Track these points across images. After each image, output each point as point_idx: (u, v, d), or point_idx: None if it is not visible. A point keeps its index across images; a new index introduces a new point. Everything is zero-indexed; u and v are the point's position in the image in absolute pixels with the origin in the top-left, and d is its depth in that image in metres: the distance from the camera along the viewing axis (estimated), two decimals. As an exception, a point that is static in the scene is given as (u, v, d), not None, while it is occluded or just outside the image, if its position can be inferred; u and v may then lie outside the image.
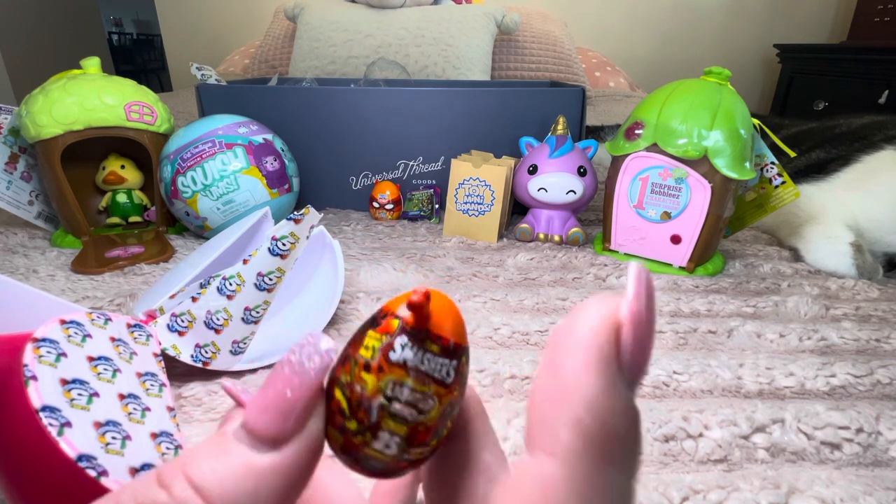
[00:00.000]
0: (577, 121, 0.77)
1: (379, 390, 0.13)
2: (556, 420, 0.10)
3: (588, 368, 0.10)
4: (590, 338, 0.10)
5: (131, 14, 5.42)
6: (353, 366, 0.13)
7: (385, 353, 0.13)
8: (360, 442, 0.13)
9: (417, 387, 0.13)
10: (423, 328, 0.13)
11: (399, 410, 0.13)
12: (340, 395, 0.13)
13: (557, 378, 0.10)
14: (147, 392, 0.30)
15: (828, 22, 2.18)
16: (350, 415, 0.13)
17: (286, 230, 0.38)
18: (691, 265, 0.60)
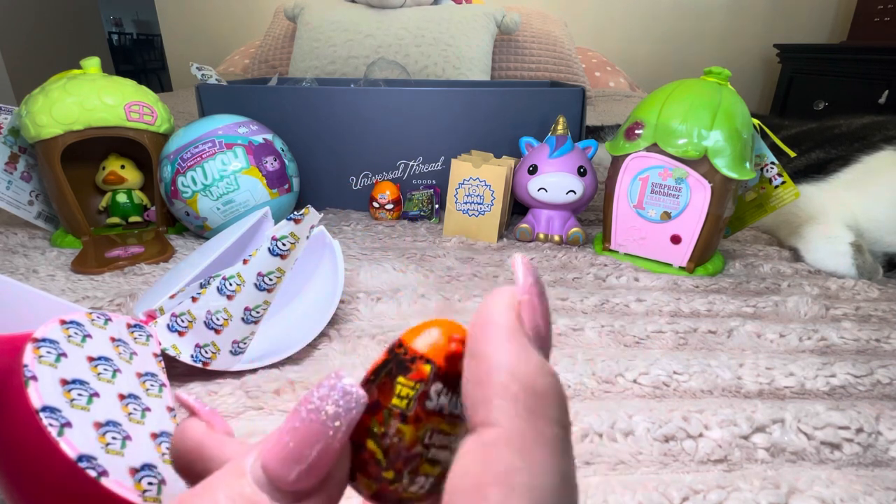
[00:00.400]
0: (577, 121, 0.77)
1: (418, 440, 0.13)
2: (487, 395, 0.11)
3: (502, 343, 0.11)
4: (499, 320, 0.12)
5: (131, 14, 5.42)
6: (388, 416, 0.13)
7: (421, 402, 0.13)
8: (396, 488, 0.13)
9: (452, 430, 0.13)
10: (457, 373, 0.13)
11: (436, 455, 0.13)
12: (375, 447, 0.13)
13: (480, 361, 0.11)
14: (147, 392, 0.30)
15: (828, 22, 2.18)
16: (387, 466, 0.13)
17: (286, 230, 0.38)
18: (691, 265, 0.60)
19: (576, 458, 0.33)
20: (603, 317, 0.50)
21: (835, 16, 2.16)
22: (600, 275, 0.60)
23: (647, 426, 0.35)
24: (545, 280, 0.59)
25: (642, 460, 0.33)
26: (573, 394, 0.39)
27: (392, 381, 0.13)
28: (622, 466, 0.33)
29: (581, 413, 0.36)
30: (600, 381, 0.40)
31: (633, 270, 0.60)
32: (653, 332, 0.47)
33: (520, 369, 0.11)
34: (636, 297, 0.54)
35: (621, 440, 0.34)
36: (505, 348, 0.11)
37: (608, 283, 0.59)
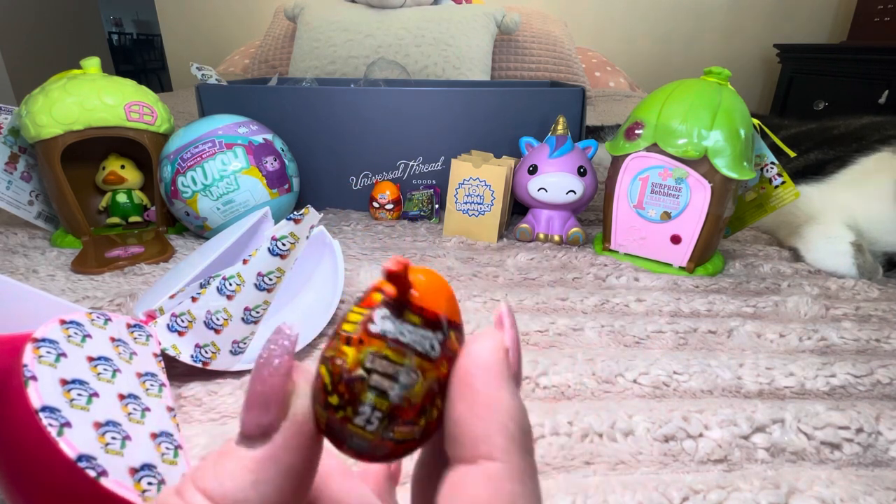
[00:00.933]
0: (577, 121, 0.77)
1: (359, 363, 0.13)
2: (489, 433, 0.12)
3: (501, 386, 0.13)
4: (494, 365, 0.13)
5: (131, 14, 5.42)
6: (338, 341, 0.13)
7: (365, 325, 0.13)
8: (342, 417, 0.13)
9: (397, 359, 0.13)
10: (404, 300, 0.13)
11: (378, 382, 0.13)
12: (324, 371, 0.13)
13: (480, 400, 0.13)
14: (147, 392, 0.30)
15: (828, 22, 2.18)
16: (332, 389, 0.13)
17: (286, 230, 0.38)
18: (691, 265, 0.60)
19: (576, 458, 0.33)
20: (603, 317, 0.50)
21: (835, 16, 2.16)
22: (600, 275, 0.60)
23: (647, 426, 0.35)
24: (545, 280, 0.59)
25: (642, 460, 0.33)
26: (573, 394, 0.39)
27: (350, 311, 0.14)
28: (622, 466, 0.33)
29: (581, 413, 0.36)
30: (600, 381, 0.40)
31: (633, 270, 0.60)
32: (653, 332, 0.47)
33: (516, 412, 0.13)
34: (636, 297, 0.54)
35: (621, 440, 0.34)
36: (504, 391, 0.13)
37: (608, 283, 0.59)
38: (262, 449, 0.13)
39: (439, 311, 0.14)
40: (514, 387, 0.13)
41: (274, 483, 0.12)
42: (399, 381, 0.13)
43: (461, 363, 0.13)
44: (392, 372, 0.13)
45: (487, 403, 0.13)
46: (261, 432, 0.13)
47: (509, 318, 0.15)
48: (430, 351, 0.13)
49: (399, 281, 0.13)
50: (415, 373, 0.13)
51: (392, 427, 0.13)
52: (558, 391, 0.39)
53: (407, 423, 0.13)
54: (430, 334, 0.13)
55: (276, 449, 0.13)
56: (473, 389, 0.13)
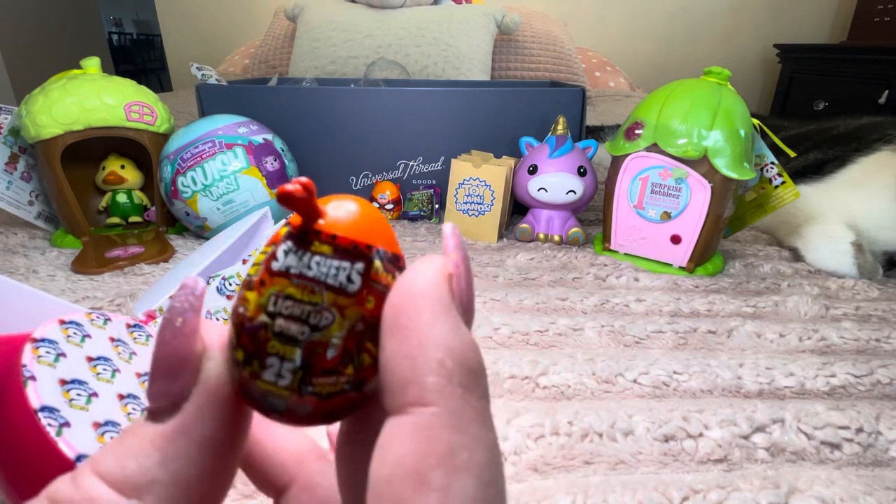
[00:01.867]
0: (577, 121, 0.77)
1: (260, 308, 0.11)
2: (419, 373, 0.10)
3: (437, 317, 0.11)
4: (432, 291, 0.11)
5: (131, 14, 5.43)
6: (239, 287, 0.12)
7: (267, 263, 0.11)
8: (250, 373, 0.11)
9: (304, 296, 0.11)
10: (308, 227, 0.11)
11: (283, 327, 0.11)
12: (229, 324, 0.11)
13: (409, 335, 0.10)
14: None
15: (828, 22, 2.18)
16: (236, 343, 0.11)
17: (286, 230, 0.38)
18: (691, 265, 0.60)
19: (576, 457, 0.33)
20: (603, 317, 0.50)
21: (835, 16, 2.16)
22: (600, 275, 0.60)
23: (647, 426, 0.35)
24: (545, 280, 0.59)
25: (642, 460, 0.33)
26: (573, 394, 0.39)
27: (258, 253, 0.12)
28: (622, 466, 0.33)
29: (581, 413, 0.36)
30: (600, 381, 0.40)
31: (633, 270, 0.60)
32: (653, 332, 0.47)
33: (455, 345, 0.10)
34: (636, 297, 0.54)
35: (621, 440, 0.34)
36: (439, 322, 0.11)
37: (608, 283, 0.59)
38: (171, 421, 0.11)
39: (359, 238, 0.11)
40: (458, 318, 0.11)
41: (187, 458, 0.11)
42: (309, 323, 0.11)
43: (392, 294, 0.11)
44: (299, 313, 0.11)
45: (418, 338, 0.10)
46: (169, 403, 0.11)
47: (453, 240, 0.12)
48: (348, 284, 0.11)
49: (299, 205, 0.11)
50: (329, 311, 0.11)
51: (309, 379, 0.11)
52: (558, 391, 0.39)
53: (327, 372, 0.11)
54: (345, 264, 0.11)
55: (187, 420, 0.11)
56: (402, 323, 0.11)
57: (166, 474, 0.11)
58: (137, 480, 0.11)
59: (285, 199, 0.11)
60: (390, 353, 0.11)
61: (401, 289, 0.11)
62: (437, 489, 0.09)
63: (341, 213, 0.12)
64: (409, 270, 0.11)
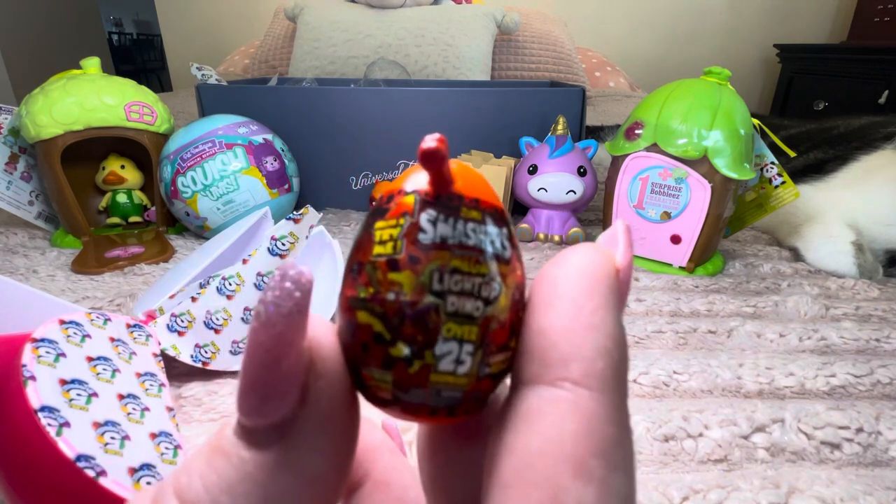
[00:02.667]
0: (577, 121, 0.77)
1: (423, 288, 0.09)
2: (584, 352, 0.09)
3: (610, 305, 0.10)
4: (606, 278, 0.10)
5: (131, 14, 5.42)
6: (373, 272, 0.09)
7: (412, 237, 0.09)
8: (420, 369, 0.09)
9: (472, 268, 0.10)
10: (452, 191, 0.10)
11: (458, 306, 0.09)
12: (369, 318, 0.09)
13: (579, 312, 0.10)
14: (146, 392, 0.30)
15: (828, 22, 2.18)
16: (392, 337, 0.09)
17: (285, 230, 0.38)
18: (691, 265, 0.60)
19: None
20: (603, 317, 0.50)
21: (835, 16, 2.16)
22: (600, 275, 0.59)
23: (647, 426, 0.35)
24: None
25: (642, 460, 0.33)
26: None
27: (370, 232, 0.10)
28: (622, 466, 0.33)
29: (581, 413, 0.36)
30: (600, 381, 0.40)
31: (633, 270, 0.60)
32: (653, 332, 0.47)
33: (620, 339, 0.10)
34: (636, 297, 0.54)
35: (621, 440, 0.34)
36: (612, 312, 0.10)
37: (608, 282, 0.58)
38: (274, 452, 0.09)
39: (495, 200, 0.10)
40: (621, 314, 0.10)
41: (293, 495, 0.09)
42: (482, 297, 0.10)
43: (553, 270, 0.10)
44: (470, 287, 0.09)
45: (588, 319, 0.10)
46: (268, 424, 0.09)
47: (626, 237, 0.11)
48: (503, 251, 0.10)
49: (441, 164, 0.10)
50: (496, 282, 0.10)
51: (488, 359, 0.10)
52: (558, 391, 0.39)
53: (502, 348, 0.10)
54: (496, 229, 0.10)
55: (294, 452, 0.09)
56: (571, 299, 0.10)
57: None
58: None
59: (430, 156, 0.10)
60: (552, 322, 0.10)
61: (566, 263, 0.10)
62: (597, 481, 0.09)
63: (465, 174, 0.10)
64: (574, 251, 0.11)
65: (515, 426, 0.09)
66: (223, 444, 0.09)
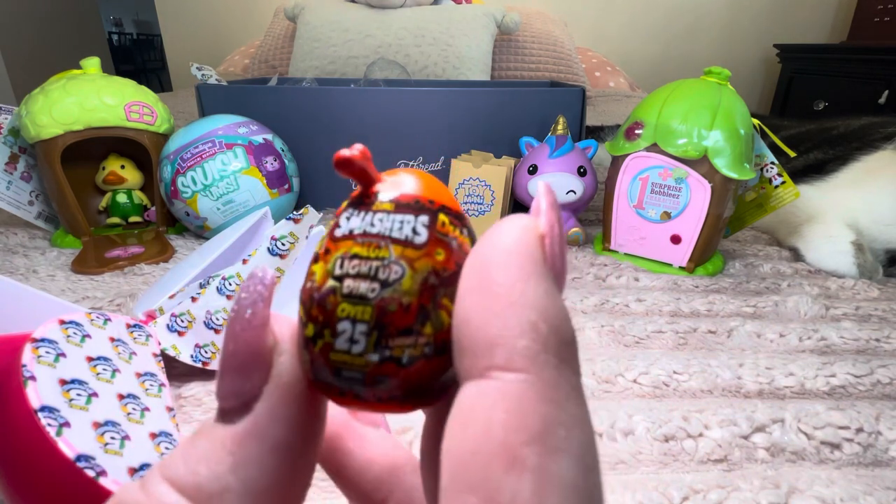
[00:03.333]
0: (577, 121, 0.77)
1: (327, 274, 0.10)
2: (506, 333, 0.09)
3: (531, 276, 0.09)
4: (524, 249, 0.10)
5: (131, 14, 5.42)
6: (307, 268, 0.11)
7: (331, 233, 0.11)
8: (322, 347, 0.10)
9: (370, 252, 0.10)
10: (367, 190, 0.11)
11: (353, 287, 0.10)
12: (299, 305, 0.11)
13: (496, 292, 0.09)
14: (146, 392, 0.30)
15: (828, 22, 2.18)
16: (306, 319, 0.10)
17: (285, 230, 0.38)
18: (691, 265, 0.60)
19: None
20: (603, 317, 0.50)
21: (835, 16, 2.16)
22: (600, 275, 0.59)
23: (647, 426, 0.35)
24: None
25: (642, 460, 0.33)
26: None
27: None
28: (622, 466, 0.33)
29: (581, 413, 0.36)
30: (600, 381, 0.40)
31: (633, 270, 0.60)
32: (653, 332, 0.47)
33: (549, 309, 0.09)
34: (636, 297, 0.54)
35: (621, 440, 0.34)
36: (532, 282, 0.09)
37: (608, 283, 0.59)
38: (243, 423, 0.10)
39: (424, 195, 0.11)
40: (552, 282, 0.10)
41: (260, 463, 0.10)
42: (378, 279, 0.10)
43: (476, 249, 0.10)
44: (367, 270, 0.10)
45: (508, 295, 0.09)
46: (240, 402, 0.10)
47: (548, 198, 0.11)
48: (414, 236, 0.10)
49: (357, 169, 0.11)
50: (397, 265, 0.10)
51: (385, 341, 0.10)
52: (558, 391, 0.39)
53: (404, 331, 0.10)
54: (409, 217, 0.11)
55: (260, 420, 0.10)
56: (488, 278, 0.09)
57: (238, 481, 0.10)
58: (209, 488, 0.10)
59: (343, 165, 0.10)
60: (472, 308, 0.09)
61: (486, 242, 0.10)
62: (532, 469, 0.08)
63: (399, 177, 0.11)
64: (494, 226, 0.10)
65: (451, 428, 0.09)
66: (203, 429, 0.11)
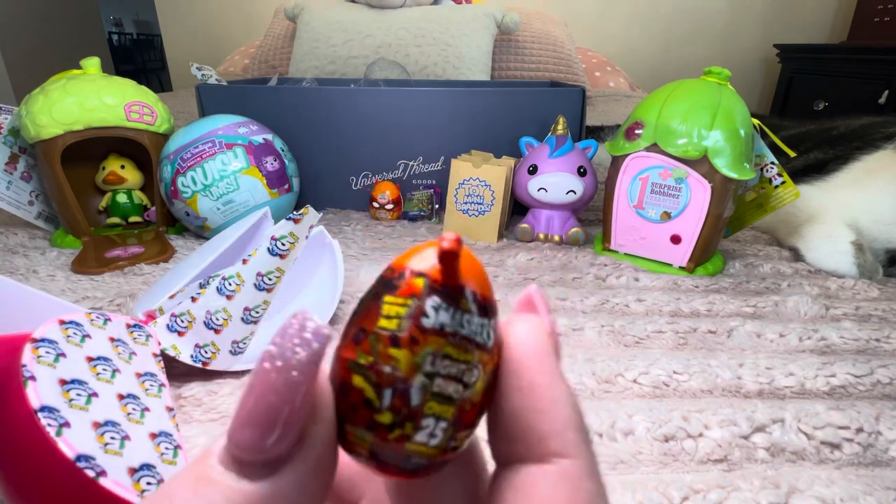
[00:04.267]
0: (577, 121, 0.77)
1: (416, 367, 0.10)
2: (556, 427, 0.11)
3: (558, 374, 0.12)
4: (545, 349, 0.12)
5: (131, 14, 5.42)
6: (375, 342, 0.10)
7: (416, 320, 0.11)
8: (399, 437, 0.10)
9: (460, 356, 0.11)
10: (457, 284, 0.11)
11: (443, 388, 0.11)
12: (363, 383, 0.10)
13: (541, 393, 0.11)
14: (146, 392, 0.30)
15: (828, 22, 2.18)
16: (381, 405, 0.10)
17: (285, 230, 0.38)
18: (691, 265, 0.60)
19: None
20: (603, 317, 0.50)
21: (835, 16, 2.16)
22: (600, 275, 0.59)
23: (647, 426, 0.35)
24: (545, 280, 0.59)
25: (642, 460, 0.33)
26: (573, 394, 0.39)
27: (377, 303, 0.11)
28: (622, 466, 0.33)
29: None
30: (600, 381, 0.40)
31: (633, 270, 0.60)
32: (653, 332, 0.47)
33: (573, 401, 0.12)
34: (636, 297, 0.54)
35: (621, 440, 0.34)
36: (561, 381, 0.12)
37: (608, 283, 0.59)
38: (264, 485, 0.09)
39: (488, 293, 0.12)
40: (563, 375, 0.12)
41: None
42: (463, 381, 0.11)
43: (512, 353, 0.12)
44: (455, 372, 0.11)
45: (550, 396, 0.11)
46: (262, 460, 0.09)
47: (543, 302, 0.13)
48: (487, 340, 0.11)
49: (453, 262, 0.11)
50: (476, 368, 0.11)
51: (456, 434, 0.11)
52: (558, 391, 0.39)
53: (468, 425, 0.11)
54: (485, 321, 0.11)
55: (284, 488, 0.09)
56: (532, 381, 0.11)
57: None
58: None
59: (447, 256, 0.11)
60: (521, 406, 0.11)
61: (521, 349, 0.12)
62: None
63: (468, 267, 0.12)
64: (518, 329, 0.12)
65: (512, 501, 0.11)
66: (210, 474, 0.10)
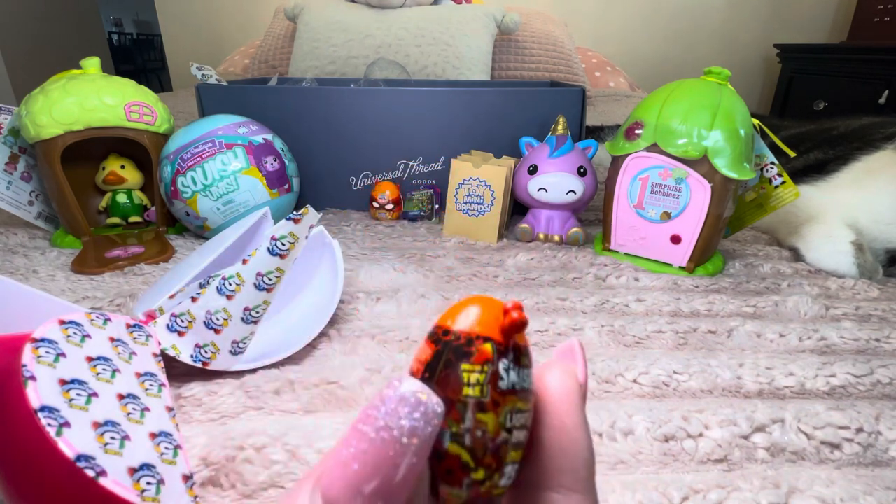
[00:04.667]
0: (577, 121, 0.77)
1: (501, 427, 0.12)
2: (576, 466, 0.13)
3: (583, 423, 0.14)
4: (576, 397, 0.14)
5: (131, 14, 5.42)
6: (464, 410, 0.12)
7: (494, 384, 0.12)
8: (489, 487, 0.12)
9: (525, 406, 0.13)
10: (518, 345, 0.13)
11: (518, 437, 0.12)
12: (458, 449, 0.12)
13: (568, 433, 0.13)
14: (146, 392, 0.30)
15: (828, 22, 2.18)
16: (476, 465, 0.12)
17: (285, 230, 0.38)
18: (691, 265, 0.60)
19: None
20: (603, 317, 0.50)
21: (835, 16, 2.16)
22: (600, 275, 0.59)
23: (647, 426, 0.35)
24: (545, 280, 0.59)
25: (642, 460, 0.33)
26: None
27: (455, 372, 0.12)
28: (622, 466, 0.33)
29: (581, 413, 0.36)
30: (600, 381, 0.40)
31: (633, 270, 0.60)
32: (653, 332, 0.47)
33: (591, 447, 0.14)
34: (636, 297, 0.54)
35: (621, 440, 0.34)
36: (585, 427, 0.14)
37: (608, 283, 0.59)
38: None
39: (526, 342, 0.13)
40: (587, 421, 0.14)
41: None
42: (526, 427, 0.13)
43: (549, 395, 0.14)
44: (523, 421, 0.12)
45: (573, 437, 0.13)
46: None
47: (581, 354, 0.15)
48: (532, 386, 0.13)
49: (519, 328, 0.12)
50: (530, 413, 0.13)
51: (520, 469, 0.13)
52: (558, 391, 0.39)
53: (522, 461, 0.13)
54: (529, 372, 0.13)
55: None
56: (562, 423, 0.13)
57: None
58: None
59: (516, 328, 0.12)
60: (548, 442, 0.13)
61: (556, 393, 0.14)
62: None
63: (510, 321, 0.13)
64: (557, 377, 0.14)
65: None
66: None
